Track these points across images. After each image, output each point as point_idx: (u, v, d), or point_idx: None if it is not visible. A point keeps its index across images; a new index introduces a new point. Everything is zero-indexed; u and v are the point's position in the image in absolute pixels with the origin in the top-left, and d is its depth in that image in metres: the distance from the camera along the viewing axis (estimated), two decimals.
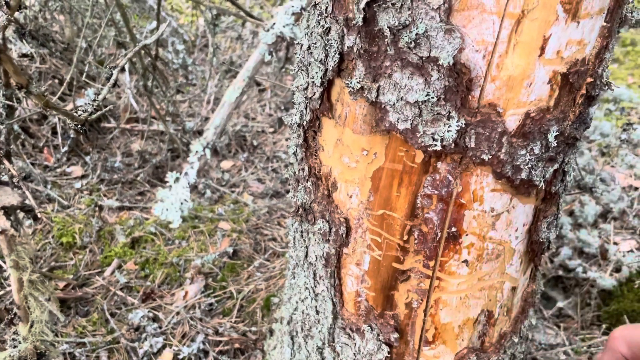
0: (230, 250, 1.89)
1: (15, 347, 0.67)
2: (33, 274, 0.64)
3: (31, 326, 0.68)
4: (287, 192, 2.38)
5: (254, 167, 2.56)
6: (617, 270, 1.82)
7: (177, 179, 1.21)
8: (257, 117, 2.99)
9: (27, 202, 0.75)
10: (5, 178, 0.80)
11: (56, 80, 2.53)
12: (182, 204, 1.17)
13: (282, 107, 3.08)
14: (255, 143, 2.75)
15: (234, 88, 1.43)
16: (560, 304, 1.73)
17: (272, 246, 1.96)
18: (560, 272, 1.82)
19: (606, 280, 1.73)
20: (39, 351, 0.67)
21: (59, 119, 2.31)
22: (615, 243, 1.96)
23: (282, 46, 2.46)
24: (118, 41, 2.25)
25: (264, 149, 2.73)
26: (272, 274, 1.80)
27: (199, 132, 2.68)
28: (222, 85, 3.08)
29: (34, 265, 0.64)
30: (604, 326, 1.65)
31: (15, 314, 0.68)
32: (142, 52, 2.00)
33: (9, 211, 0.55)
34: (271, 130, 2.90)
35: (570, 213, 2.08)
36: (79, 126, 0.76)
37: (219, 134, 1.35)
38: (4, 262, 1.68)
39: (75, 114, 0.75)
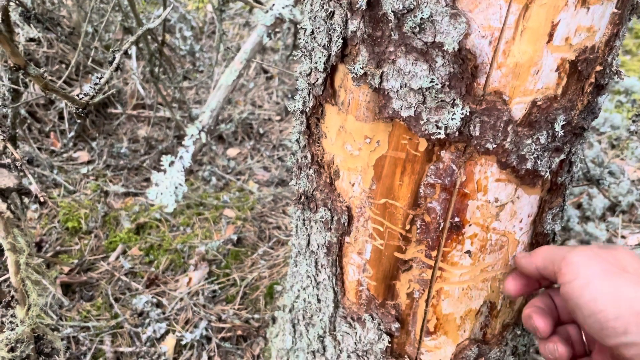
0: (235, 237, 1.89)
1: (12, 330, 0.67)
2: (30, 257, 0.64)
3: (28, 309, 0.68)
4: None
5: (260, 155, 2.56)
6: None
7: (171, 163, 1.20)
8: (264, 105, 2.98)
9: (28, 185, 0.74)
10: (7, 161, 0.80)
11: (63, 65, 2.53)
12: (176, 188, 1.16)
13: (290, 95, 3.06)
14: (261, 131, 2.74)
15: (231, 71, 1.41)
16: None
17: (276, 234, 1.96)
18: None
19: None
20: (36, 334, 0.67)
21: (66, 104, 2.32)
22: (623, 237, 1.94)
23: (290, 32, 2.44)
24: (125, 26, 2.24)
25: (271, 137, 2.72)
26: (276, 261, 1.80)
27: None
28: None
29: (30, 248, 0.64)
30: None
31: (12, 297, 0.68)
32: (149, 37, 1.99)
33: (5, 193, 0.55)
34: (278, 118, 2.89)
35: (578, 206, 2.06)
36: (80, 110, 0.75)
37: (215, 117, 1.34)
38: None
39: (76, 97, 0.74)
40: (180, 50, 2.83)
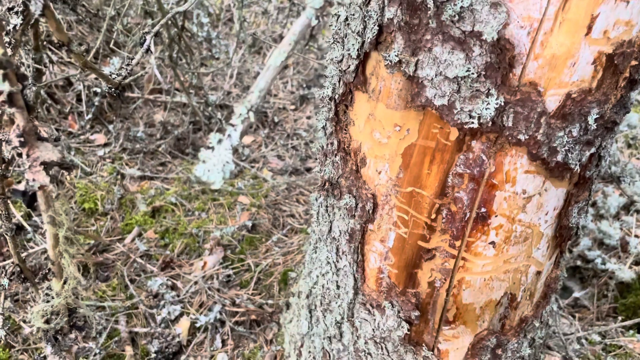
0: (249, 224, 1.90)
1: (48, 302, 0.69)
2: (69, 230, 0.65)
3: (64, 282, 0.69)
4: (307, 169, 2.38)
5: (274, 144, 2.57)
6: (637, 263, 1.80)
7: (220, 141, 1.21)
8: (279, 94, 2.98)
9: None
10: (50, 136, 0.81)
11: (82, 47, 2.54)
12: (224, 165, 1.17)
13: (305, 85, 3.06)
14: (276, 120, 2.75)
15: (280, 52, 1.41)
16: (576, 294, 1.72)
17: (290, 222, 1.97)
18: (579, 263, 1.81)
19: (625, 272, 1.72)
20: (70, 307, 0.69)
21: (84, 85, 2.33)
22: (636, 236, 1.93)
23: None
24: (145, 10, 2.25)
25: (285, 126, 2.73)
26: (289, 249, 1.81)
27: (221, 106, 2.68)
28: (245, 59, 3.07)
29: (70, 223, 0.65)
30: (619, 318, 1.64)
31: (49, 270, 0.70)
32: (169, 22, 1.99)
33: (48, 167, 0.56)
34: (292, 107, 2.89)
35: (593, 204, 2.05)
36: (113, 89, 0.77)
37: (263, 97, 1.35)
38: (28, 225, 1.71)
39: (110, 77, 0.75)
40: (197, 37, 2.83)
